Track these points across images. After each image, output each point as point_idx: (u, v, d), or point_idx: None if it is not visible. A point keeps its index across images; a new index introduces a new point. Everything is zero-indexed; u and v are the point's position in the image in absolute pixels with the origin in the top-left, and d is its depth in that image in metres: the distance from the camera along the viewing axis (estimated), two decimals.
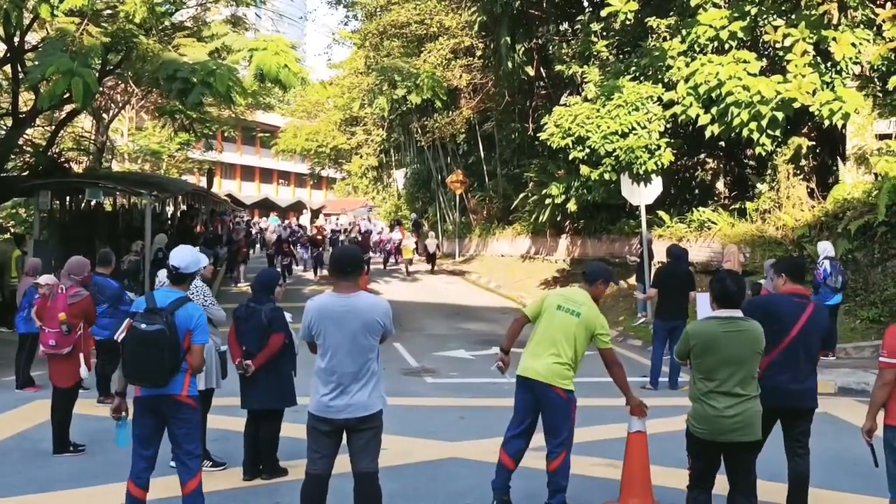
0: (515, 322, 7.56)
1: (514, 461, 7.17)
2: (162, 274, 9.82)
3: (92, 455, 9.15)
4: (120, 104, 35.54)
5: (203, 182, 50.66)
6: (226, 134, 60.20)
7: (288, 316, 8.38)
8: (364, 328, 5.94)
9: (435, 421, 10.86)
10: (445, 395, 12.97)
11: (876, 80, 19.12)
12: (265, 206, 76.23)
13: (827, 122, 17.80)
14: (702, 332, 6.11)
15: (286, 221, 48.05)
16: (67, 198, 27.85)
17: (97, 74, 21.43)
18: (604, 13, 20.79)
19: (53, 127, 26.89)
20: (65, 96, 17.13)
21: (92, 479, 8.28)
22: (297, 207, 76.84)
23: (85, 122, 38.10)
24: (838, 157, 19.79)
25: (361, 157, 51.29)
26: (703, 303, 9.27)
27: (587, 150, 19.62)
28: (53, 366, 9.11)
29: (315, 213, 69.93)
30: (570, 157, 20.22)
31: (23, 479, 8.32)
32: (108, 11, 20.16)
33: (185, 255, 6.63)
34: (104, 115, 34.91)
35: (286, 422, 8.36)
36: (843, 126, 18.47)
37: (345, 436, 6.06)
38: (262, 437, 8.23)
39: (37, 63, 17.54)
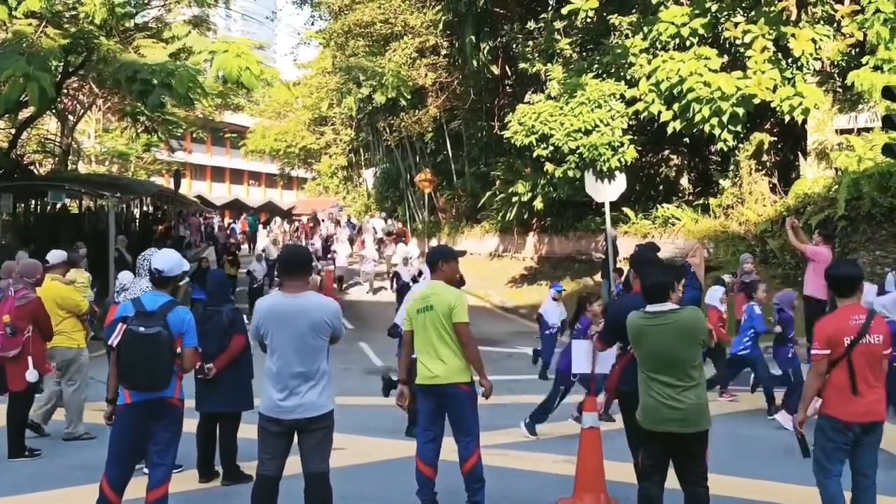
0: (405, 346, 7.38)
1: (431, 468, 7.03)
2: (123, 276, 9.81)
3: (50, 459, 9.08)
4: (86, 105, 35.26)
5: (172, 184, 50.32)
6: (195, 135, 59.78)
7: (245, 319, 8.33)
8: (311, 328, 5.89)
9: (396, 420, 10.85)
10: None
11: (836, 75, 19.33)
12: (236, 207, 75.76)
13: (788, 118, 18.00)
14: (631, 324, 6.17)
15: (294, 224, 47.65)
16: (32, 200, 27.63)
17: (59, 77, 21.29)
18: (565, 11, 20.88)
19: (15, 129, 26.66)
20: (23, 99, 16.96)
21: (49, 483, 8.17)
22: (268, 208, 76.42)
23: (50, 123, 37.79)
24: (799, 153, 19.96)
25: (331, 156, 51.15)
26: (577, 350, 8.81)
27: (551, 148, 19.72)
28: (8, 369, 9.02)
29: (285, 214, 69.58)
30: (535, 154, 20.29)
31: None
32: (70, 13, 19.98)
33: (169, 259, 6.56)
34: (70, 117, 34.63)
35: (242, 423, 8.31)
36: (804, 121, 18.68)
37: (296, 436, 6.04)
38: (221, 442, 8.18)
39: None
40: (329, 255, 30.45)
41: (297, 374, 5.89)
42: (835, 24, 18.61)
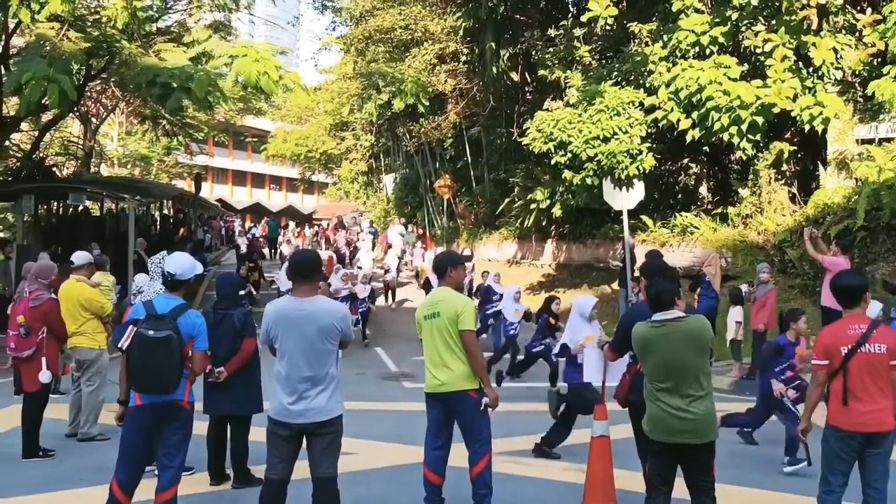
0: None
1: (439, 475, 7.04)
2: (139, 278, 9.87)
3: (63, 460, 9.15)
4: (109, 108, 35.54)
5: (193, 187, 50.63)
6: (217, 139, 60.13)
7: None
8: (320, 333, 5.92)
9: (408, 425, 10.86)
10: (421, 400, 12.90)
11: (857, 85, 19.19)
12: (257, 211, 75.99)
13: (808, 127, 17.88)
14: (637, 335, 6.17)
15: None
16: (53, 202, 27.84)
17: (81, 80, 21.46)
18: (585, 18, 20.88)
19: (38, 132, 26.90)
20: (44, 102, 17.12)
21: (61, 484, 8.24)
22: (289, 212, 76.63)
23: (73, 126, 38.13)
24: (819, 163, 19.85)
25: (351, 161, 51.25)
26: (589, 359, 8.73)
27: (569, 155, 19.68)
28: (22, 370, 9.09)
29: (306, 219, 69.75)
30: (553, 161, 20.28)
31: None
32: (93, 17, 20.16)
33: (182, 262, 6.61)
34: (93, 120, 34.92)
35: (252, 426, 8.33)
36: (824, 131, 18.54)
37: (305, 441, 6.06)
38: (233, 445, 8.21)
39: (14, 69, 17.57)
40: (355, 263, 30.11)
41: (306, 378, 5.92)
42: (856, 34, 18.50)
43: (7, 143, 25.48)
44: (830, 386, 6.00)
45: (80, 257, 10.45)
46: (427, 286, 22.48)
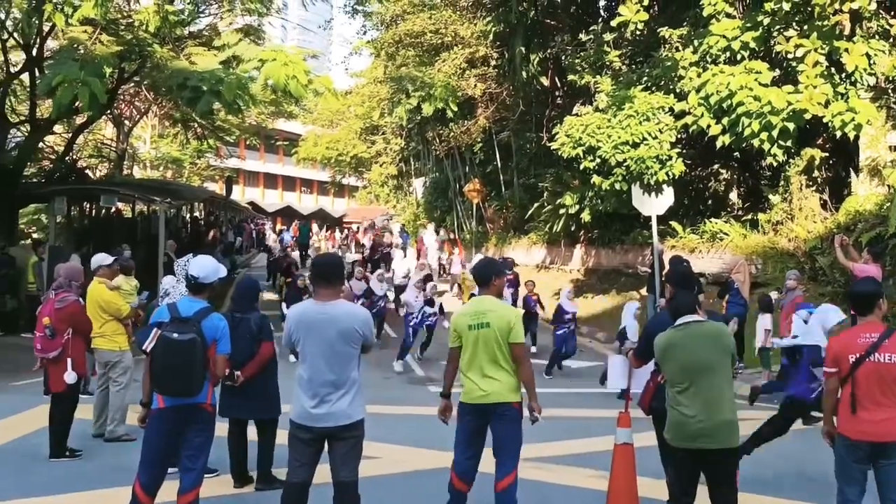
0: (450, 362, 6.94)
1: (466, 484, 6.87)
2: (166, 280, 9.93)
3: (89, 460, 9.23)
4: (142, 111, 35.87)
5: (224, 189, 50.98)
6: (248, 142, 60.52)
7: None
8: (341, 336, 5.93)
9: (432, 430, 10.83)
10: None
11: (890, 91, 19.00)
12: (287, 214, 76.42)
13: (840, 134, 17.71)
14: (661, 341, 6.15)
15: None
16: (86, 204, 28.12)
17: (113, 83, 21.67)
18: (614, 23, 20.82)
19: (71, 134, 27.20)
20: (75, 105, 17.31)
21: (85, 484, 8.32)
22: (320, 216, 76.96)
23: (107, 128, 38.52)
24: (851, 169, 19.65)
25: (381, 165, 51.43)
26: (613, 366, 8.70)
27: (598, 160, 19.63)
28: (49, 370, 9.17)
29: (336, 222, 70.01)
30: (582, 166, 20.24)
31: (14, 482, 8.40)
32: (126, 21, 20.37)
33: (205, 266, 6.66)
34: (126, 122, 35.26)
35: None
36: (856, 137, 18.36)
37: (326, 444, 6.06)
38: (259, 447, 8.24)
39: (47, 73, 17.77)
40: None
41: (328, 382, 5.93)
42: (889, 39, 18.30)
43: (41, 145, 25.77)
44: (841, 393, 5.95)
45: (99, 259, 10.57)
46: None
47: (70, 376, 9.02)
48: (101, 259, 10.57)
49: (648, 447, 7.85)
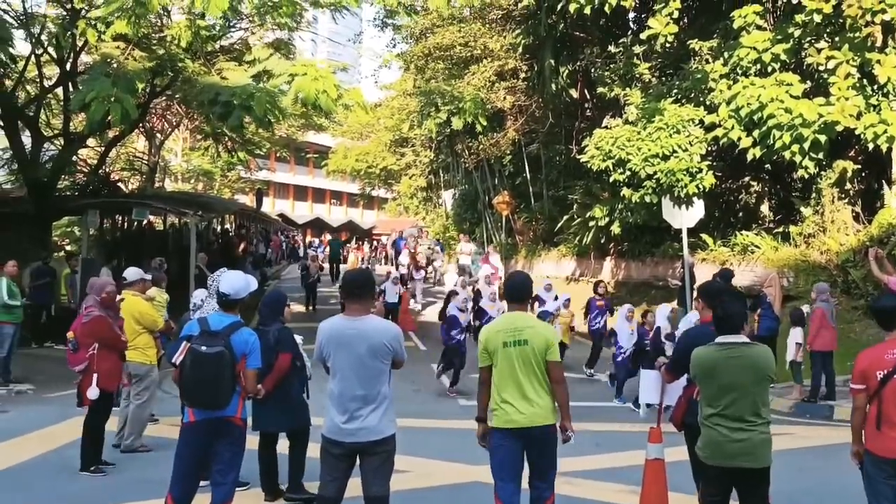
0: (483, 384, 6.56)
1: None
2: (197, 294, 10.01)
3: (119, 472, 9.27)
4: (173, 124, 36.21)
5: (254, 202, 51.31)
6: (278, 154, 60.93)
7: (298, 338, 8.40)
8: (371, 351, 5.95)
9: (463, 443, 10.83)
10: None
11: None
12: (317, 226, 76.80)
13: (872, 145, 17.58)
14: (702, 358, 5.99)
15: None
16: (118, 217, 28.37)
17: (146, 97, 21.88)
18: (644, 35, 20.84)
19: (104, 147, 27.50)
20: (107, 119, 17.49)
21: (114, 497, 8.37)
22: (349, 227, 77.26)
23: (139, 142, 38.92)
24: (884, 181, 19.48)
25: (411, 177, 51.57)
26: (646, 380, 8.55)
27: (628, 173, 19.61)
28: (81, 383, 9.23)
29: (366, 234, 70.24)
30: (612, 179, 20.23)
31: (44, 495, 8.49)
32: (158, 35, 20.57)
33: (234, 283, 6.71)
34: (158, 136, 35.61)
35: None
36: (889, 149, 18.21)
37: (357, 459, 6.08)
38: (290, 459, 8.27)
39: (80, 88, 17.96)
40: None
41: (358, 396, 5.95)
42: None
43: (74, 158, 26.04)
44: (868, 410, 5.91)
45: (131, 273, 10.66)
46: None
47: (92, 392, 8.98)
48: (135, 273, 10.65)
49: (678, 462, 7.81)
